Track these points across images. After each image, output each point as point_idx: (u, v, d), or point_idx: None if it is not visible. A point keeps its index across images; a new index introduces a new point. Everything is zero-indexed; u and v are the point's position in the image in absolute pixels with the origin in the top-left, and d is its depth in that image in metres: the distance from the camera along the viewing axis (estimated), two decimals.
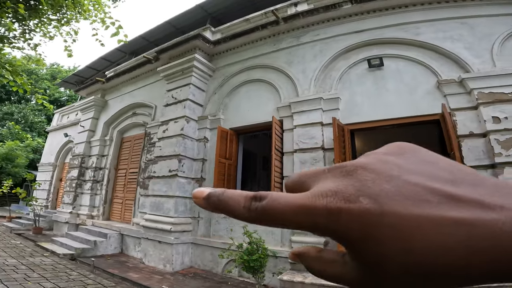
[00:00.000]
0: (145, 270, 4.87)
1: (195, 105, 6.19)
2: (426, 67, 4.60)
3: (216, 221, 5.26)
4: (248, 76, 6.03)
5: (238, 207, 0.21)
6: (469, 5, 4.78)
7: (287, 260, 3.97)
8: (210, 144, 5.89)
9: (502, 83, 3.94)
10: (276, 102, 5.42)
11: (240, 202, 0.21)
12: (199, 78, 6.35)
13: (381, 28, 5.14)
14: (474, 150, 3.84)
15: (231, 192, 0.21)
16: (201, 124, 6.09)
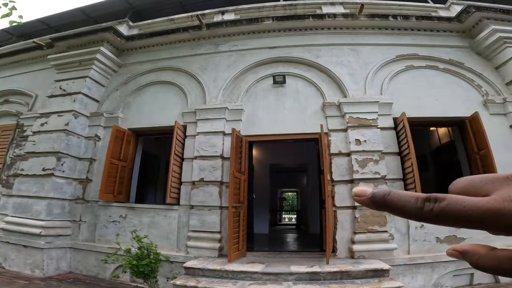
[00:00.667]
0: (5, 274, 4.32)
1: (89, 100, 5.71)
2: (317, 88, 5.25)
3: (104, 225, 5.00)
4: (158, 77, 5.89)
5: (409, 207, 0.23)
6: (360, 33, 5.61)
7: (182, 265, 3.98)
8: (102, 143, 5.51)
9: (367, 109, 4.77)
10: (182, 107, 5.45)
11: (410, 202, 0.23)
12: (100, 72, 5.90)
13: (291, 47, 5.64)
14: (340, 167, 4.61)
15: (398, 193, 0.25)
16: (94, 121, 5.64)
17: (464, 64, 5.16)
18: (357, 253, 4.11)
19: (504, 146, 4.43)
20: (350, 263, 3.73)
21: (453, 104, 4.82)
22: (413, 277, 4.04)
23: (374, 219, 4.26)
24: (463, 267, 4.05)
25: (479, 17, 5.18)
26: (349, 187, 4.50)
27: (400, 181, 4.46)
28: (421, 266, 4.06)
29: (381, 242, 4.16)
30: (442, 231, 4.24)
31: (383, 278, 3.42)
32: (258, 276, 3.54)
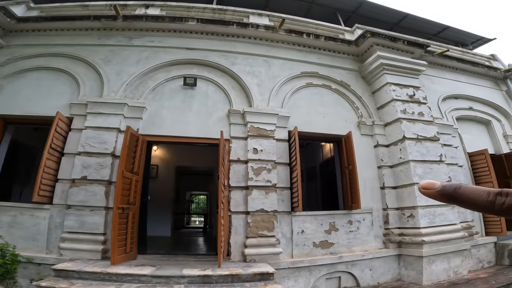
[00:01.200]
0: None
1: None
2: (226, 95, 5.37)
3: None
4: (47, 63, 5.15)
5: (481, 200, 0.26)
6: (277, 46, 5.92)
7: None
8: None
9: (267, 120, 5.09)
10: (71, 98, 4.88)
11: (482, 196, 0.26)
12: None
13: (209, 51, 5.62)
14: (237, 174, 4.80)
15: (469, 187, 0.27)
16: None
17: (350, 86, 5.98)
18: (249, 257, 4.29)
19: (367, 162, 5.38)
20: (241, 267, 3.86)
21: (336, 122, 5.59)
22: (296, 280, 4.34)
23: (264, 224, 4.56)
24: (333, 271, 4.62)
25: (372, 43, 5.93)
26: (244, 193, 4.72)
27: (288, 189, 4.91)
28: (301, 269, 4.41)
29: (269, 246, 4.44)
30: (318, 236, 4.80)
31: (268, 281, 3.61)
32: (147, 279, 3.40)
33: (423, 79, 6.31)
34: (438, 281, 4.53)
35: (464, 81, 7.17)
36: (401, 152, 5.19)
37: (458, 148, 6.05)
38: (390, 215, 5.14)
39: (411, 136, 5.18)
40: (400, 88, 5.66)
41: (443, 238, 4.68)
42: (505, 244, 5.57)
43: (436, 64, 6.98)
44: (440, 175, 5.05)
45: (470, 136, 6.51)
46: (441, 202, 0.31)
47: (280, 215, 4.73)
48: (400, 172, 5.18)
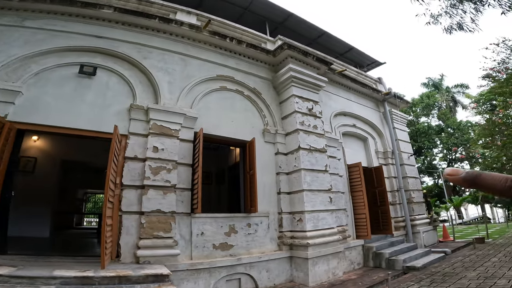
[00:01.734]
0: None
1: None
2: (131, 89, 5.00)
3: None
4: None
5: (499, 186, 0.31)
6: (198, 46, 5.78)
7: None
8: None
9: (173, 119, 4.94)
10: None
11: (501, 181, 0.31)
12: None
13: (121, 41, 5.15)
14: (132, 172, 4.51)
15: (489, 174, 0.32)
16: None
17: (262, 95, 6.33)
18: (142, 258, 4.07)
19: (268, 169, 5.82)
20: (132, 268, 3.64)
21: (243, 128, 5.85)
22: (196, 282, 4.31)
23: (160, 225, 4.40)
24: (232, 273, 4.74)
25: (287, 55, 6.34)
26: (138, 193, 4.46)
27: (189, 191, 4.87)
28: (201, 271, 4.41)
29: (166, 248, 4.31)
30: (218, 238, 4.88)
31: (163, 283, 3.48)
32: (3, 279, 2.90)
33: (322, 95, 7.14)
34: (321, 282, 5.06)
35: (353, 100, 8.46)
36: (295, 161, 5.81)
37: (341, 160, 7.08)
38: (284, 218, 5.64)
39: (305, 146, 5.85)
40: (303, 101, 6.31)
41: (324, 241, 5.34)
42: (370, 247, 6.54)
43: (335, 82, 8.01)
44: (324, 183, 5.85)
45: (351, 150, 7.74)
46: (464, 187, 0.35)
47: (179, 216, 4.65)
48: (294, 179, 5.78)
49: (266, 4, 8.02)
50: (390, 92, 9.30)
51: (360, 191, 6.81)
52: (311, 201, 5.52)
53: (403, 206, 8.17)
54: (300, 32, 9.05)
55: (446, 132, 23.89)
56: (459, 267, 5.77)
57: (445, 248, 7.59)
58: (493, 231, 12.47)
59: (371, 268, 6.28)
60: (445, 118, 24.61)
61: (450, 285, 4.51)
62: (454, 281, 4.75)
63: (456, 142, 22.29)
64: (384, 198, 7.57)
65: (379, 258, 6.36)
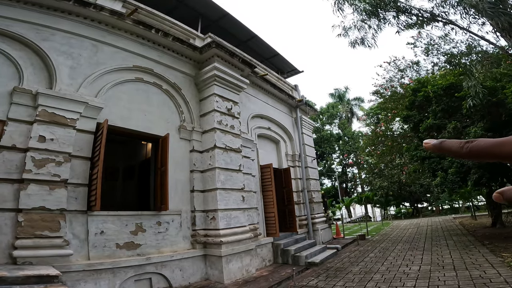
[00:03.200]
0: None
1: None
2: (18, 70, 4.21)
3: None
4: None
5: (455, 148, 0.38)
6: (115, 34, 5.21)
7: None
8: None
9: (69, 107, 4.33)
10: None
11: (456, 145, 0.38)
12: None
13: (15, 20, 4.30)
14: (8, 163, 3.76)
15: (450, 140, 0.40)
16: None
17: (182, 90, 6.15)
18: (20, 259, 3.58)
19: (181, 165, 5.69)
20: (8, 269, 3.25)
21: (158, 122, 5.58)
22: (96, 283, 4.03)
23: (45, 224, 3.83)
24: (141, 272, 4.48)
25: (214, 53, 6.27)
26: (15, 187, 3.76)
27: (85, 186, 4.34)
28: (102, 271, 4.09)
29: (53, 248, 3.82)
30: (122, 237, 4.53)
31: (50, 284, 3.23)
32: None
33: (242, 96, 7.40)
34: (236, 279, 5.21)
35: (271, 104, 9.06)
36: (211, 159, 5.87)
37: (254, 161, 7.49)
38: (197, 217, 5.62)
39: (221, 145, 5.98)
40: (223, 101, 6.41)
41: (237, 238, 5.53)
42: (278, 244, 7.01)
43: (256, 85, 8.41)
44: (237, 182, 6.09)
45: (264, 152, 8.31)
46: (434, 152, 0.42)
47: (72, 214, 4.16)
48: (208, 177, 5.83)
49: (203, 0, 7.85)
50: (303, 100, 10.32)
51: (270, 190, 7.36)
52: (224, 200, 5.66)
53: (305, 205, 9.11)
54: (232, 32, 9.15)
55: (343, 140, 28.11)
56: (346, 263, 6.64)
57: (337, 245, 8.61)
58: (372, 229, 14.49)
59: (280, 265, 6.71)
60: (343, 127, 28.95)
61: (340, 280, 5.18)
62: (343, 275, 5.47)
63: (349, 149, 26.50)
64: (291, 198, 8.36)
65: (286, 255, 6.84)
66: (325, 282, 5.18)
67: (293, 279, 5.25)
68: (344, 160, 28.29)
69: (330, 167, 28.85)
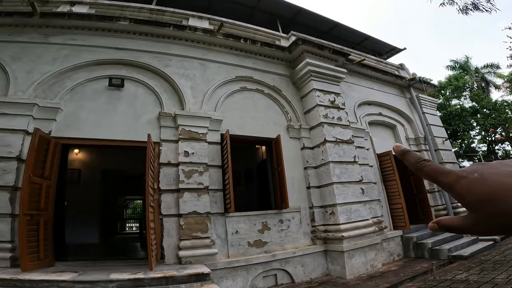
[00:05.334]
0: None
1: None
2: (157, 97, 5.22)
3: None
4: None
5: (413, 160, 0.40)
6: (214, 50, 5.92)
7: None
8: None
9: (199, 124, 5.11)
10: None
11: (414, 158, 0.40)
12: None
13: (141, 52, 5.38)
14: (168, 177, 4.71)
15: (412, 153, 0.41)
16: None
17: (282, 91, 6.34)
18: (184, 259, 4.25)
19: (295, 164, 5.81)
20: (176, 269, 3.83)
21: (267, 126, 5.90)
22: (234, 280, 4.41)
23: (197, 226, 4.57)
24: (268, 269, 4.81)
25: (302, 50, 6.32)
26: (175, 196, 4.65)
27: (221, 191, 5.00)
28: (238, 269, 4.51)
29: (204, 247, 4.46)
30: (252, 236, 4.96)
31: (205, 282, 3.64)
32: (67, 284, 3.18)
33: (343, 86, 7.02)
34: (359, 274, 4.99)
35: (376, 88, 8.21)
36: (322, 154, 5.76)
37: (369, 150, 6.90)
38: (316, 213, 5.61)
39: (331, 139, 5.78)
40: (324, 94, 6.25)
41: (359, 233, 5.24)
42: (409, 238, 6.32)
43: (355, 72, 7.83)
44: (354, 174, 5.74)
45: (379, 139, 7.48)
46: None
47: (214, 217, 4.78)
48: (322, 172, 5.73)
49: (274, 1, 8.02)
50: (415, 78, 8.93)
51: (393, 180, 6.60)
52: (342, 194, 5.44)
53: (442, 193, 7.76)
54: (311, 26, 8.98)
55: (481, 113, 22.32)
56: (510, 255, 5.40)
57: (494, 236, 7.12)
58: None
59: (413, 259, 6.07)
60: (478, 99, 23.00)
61: (502, 273, 4.25)
62: (505, 268, 4.47)
63: (494, 123, 20.79)
64: (421, 186, 7.26)
65: (421, 248, 6.13)
66: (480, 276, 4.26)
67: (432, 273, 4.52)
68: (489, 136, 22.50)
69: (469, 147, 23.47)
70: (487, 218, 0.32)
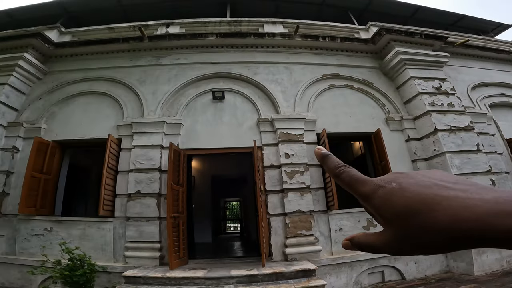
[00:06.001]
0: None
1: (7, 109, 5.26)
2: (253, 105, 5.64)
3: (25, 238, 4.67)
4: (91, 87, 5.70)
5: (333, 166, 0.34)
6: (295, 52, 6.11)
7: (121, 274, 3.96)
8: (21, 155, 5.12)
9: (295, 125, 5.29)
10: (117, 120, 5.37)
11: (333, 164, 0.34)
12: (21, 79, 5.48)
13: (232, 63, 5.93)
14: (272, 178, 5.03)
15: (331, 157, 0.35)
16: (11, 131, 5.22)
17: (373, 84, 6.04)
18: (289, 256, 4.47)
19: (400, 157, 5.38)
20: (284, 265, 4.06)
21: (363, 121, 5.67)
22: (338, 276, 4.47)
23: (302, 224, 4.75)
24: (375, 266, 4.67)
25: (388, 39, 5.99)
26: (280, 196, 4.94)
27: (322, 189, 5.06)
28: (342, 265, 4.54)
29: (309, 244, 4.61)
30: (356, 232, 4.88)
31: (311, 277, 3.79)
32: (200, 281, 3.71)
33: (448, 70, 6.24)
34: (491, 271, 4.45)
35: (491, 68, 6.98)
36: (434, 145, 5.16)
37: (496, 136, 5.87)
38: None
39: (443, 127, 5.15)
40: (425, 81, 5.65)
41: None
42: None
43: (459, 54, 6.85)
44: (479, 164, 4.96)
45: (507, 122, 6.28)
46: None
47: (317, 215, 4.88)
48: (436, 164, 5.14)
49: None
50: None
51: None
52: None
53: None
54: (388, 12, 8.32)
55: None
56: None
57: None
58: None
59: None
60: None
61: None
62: None
63: None
64: None
65: None
66: None
67: None
68: None
69: None
70: (406, 235, 0.27)
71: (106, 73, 5.80)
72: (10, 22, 7.35)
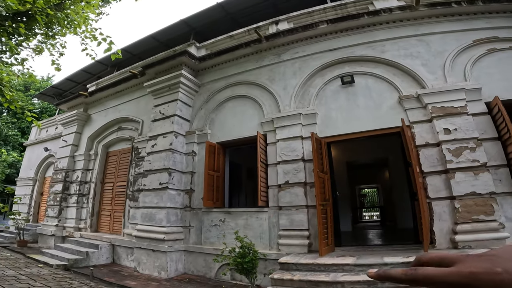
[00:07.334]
0: (140, 278, 5.12)
1: (183, 121, 6.48)
2: (390, 83, 5.18)
3: (207, 229, 5.62)
4: (233, 92, 6.41)
5: (398, 275, 0.33)
6: (425, 23, 5.38)
7: (275, 261, 4.33)
8: (198, 157, 6.21)
9: (452, 97, 4.57)
10: (260, 118, 5.85)
11: (400, 271, 0.33)
12: (186, 94, 6.65)
13: (352, 46, 5.66)
14: (429, 158, 4.47)
15: (392, 269, 0.34)
16: (189, 138, 6.38)
17: None
18: (461, 243, 3.97)
19: None
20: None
21: None
22: None
23: (479, 208, 4.05)
24: None
25: None
26: (443, 178, 4.34)
27: (505, 167, 4.14)
28: None
29: (489, 231, 3.95)
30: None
31: None
32: (350, 267, 3.69)
33: None
34: None
35: None
36: None
37: None
38: None
39: None
40: None
41: None
42: None
43: None
44: None
45: None
46: None
47: (500, 197, 4.07)
48: None
49: None
50: None
51: None
52: None
53: None
54: None
55: None
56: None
57: None
58: None
59: None
60: None
61: None
62: None
63: None
64: None
65: None
66: None
67: None
68: None
69: None
70: None
71: (240, 77, 6.43)
72: (157, 46, 9.07)
